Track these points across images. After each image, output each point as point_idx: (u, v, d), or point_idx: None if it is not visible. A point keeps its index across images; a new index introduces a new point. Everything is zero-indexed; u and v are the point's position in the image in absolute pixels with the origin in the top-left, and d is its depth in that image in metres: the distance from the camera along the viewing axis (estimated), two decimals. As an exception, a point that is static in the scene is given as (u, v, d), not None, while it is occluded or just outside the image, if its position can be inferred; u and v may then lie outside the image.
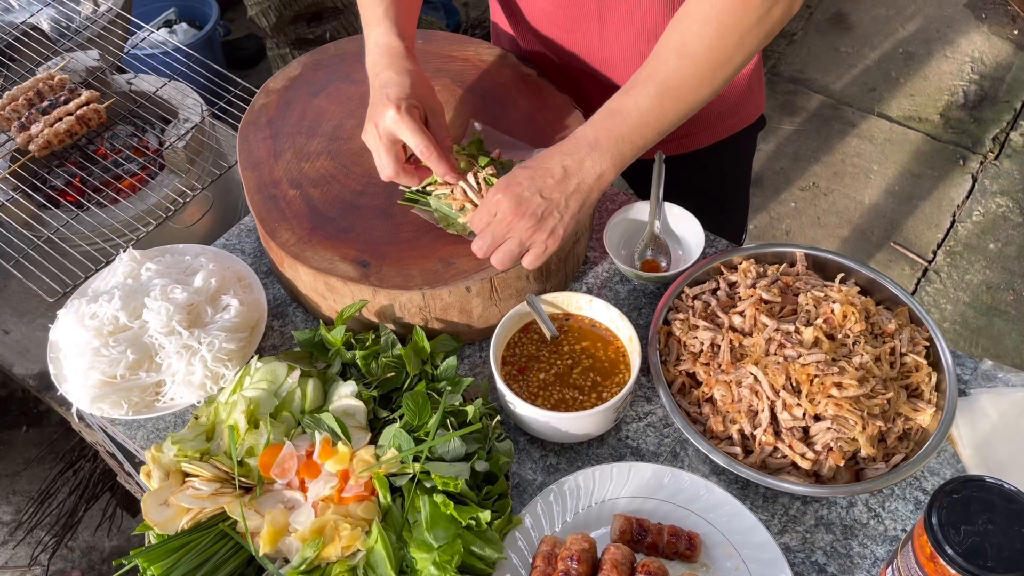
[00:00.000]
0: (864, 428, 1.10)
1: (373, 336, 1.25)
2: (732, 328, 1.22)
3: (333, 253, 1.26)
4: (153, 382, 1.22)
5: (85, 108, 1.66)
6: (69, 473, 2.42)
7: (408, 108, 1.17)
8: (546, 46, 1.49)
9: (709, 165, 1.63)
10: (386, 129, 1.18)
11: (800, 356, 1.14)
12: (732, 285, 1.29)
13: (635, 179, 1.75)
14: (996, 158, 3.21)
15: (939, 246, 2.94)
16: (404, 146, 1.22)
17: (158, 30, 2.96)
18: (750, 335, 1.20)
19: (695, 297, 1.28)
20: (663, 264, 1.37)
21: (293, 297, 1.39)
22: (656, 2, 1.33)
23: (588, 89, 1.50)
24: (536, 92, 1.47)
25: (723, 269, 1.31)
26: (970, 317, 2.76)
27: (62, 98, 1.68)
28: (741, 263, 1.30)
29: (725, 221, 1.52)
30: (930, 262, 2.91)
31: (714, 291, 1.29)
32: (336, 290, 1.26)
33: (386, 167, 1.21)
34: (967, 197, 3.08)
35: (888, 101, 3.42)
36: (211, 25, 2.99)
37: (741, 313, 1.22)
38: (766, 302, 1.23)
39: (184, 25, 2.99)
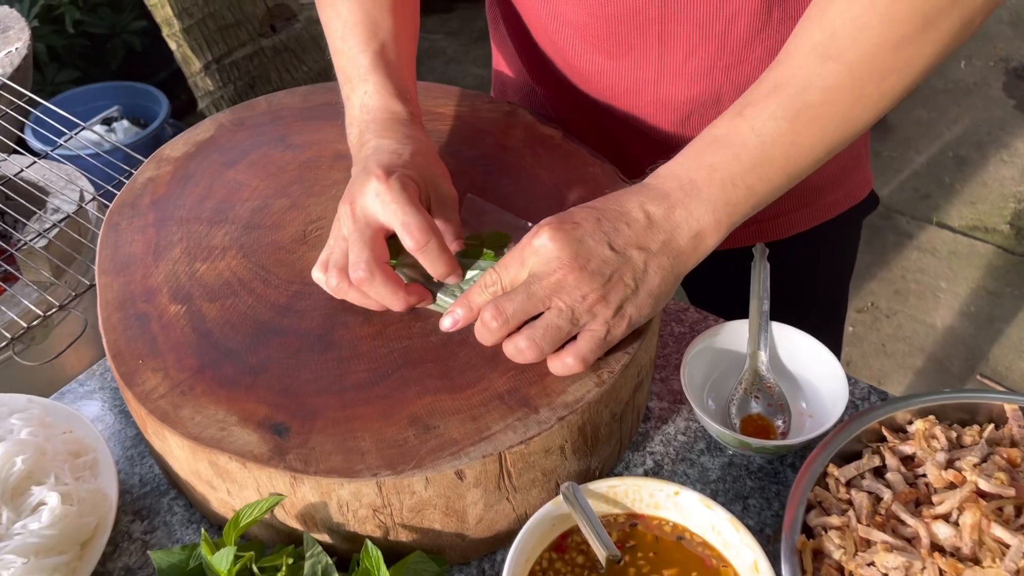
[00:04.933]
0: None
1: (290, 561, 0.70)
2: (937, 547, 0.68)
3: (228, 410, 0.73)
4: None
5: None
6: None
7: (401, 177, 0.73)
8: (578, 80, 1.00)
9: (804, 259, 1.15)
10: (364, 209, 0.73)
11: (1092, 611, 0.60)
12: (907, 461, 0.76)
13: (704, 283, 1.22)
14: (1081, 273, 2.73)
15: (1035, 377, 2.42)
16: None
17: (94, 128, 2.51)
18: (973, 561, 0.66)
19: (851, 484, 0.75)
20: (779, 423, 0.84)
21: (172, 481, 0.85)
22: (748, 6, 0.86)
23: (634, 148, 1.01)
24: (562, 159, 0.97)
25: (884, 432, 0.78)
26: (1086, 467, 2.21)
27: None
28: (911, 422, 0.78)
29: (821, 340, 1.00)
30: (1028, 398, 2.37)
31: (878, 472, 0.76)
32: (230, 476, 0.72)
33: (359, 265, 0.72)
34: (1058, 319, 2.58)
35: (946, 209, 2.96)
36: (157, 123, 2.55)
37: (947, 518, 0.69)
38: (986, 496, 0.70)
39: (125, 123, 2.54)
